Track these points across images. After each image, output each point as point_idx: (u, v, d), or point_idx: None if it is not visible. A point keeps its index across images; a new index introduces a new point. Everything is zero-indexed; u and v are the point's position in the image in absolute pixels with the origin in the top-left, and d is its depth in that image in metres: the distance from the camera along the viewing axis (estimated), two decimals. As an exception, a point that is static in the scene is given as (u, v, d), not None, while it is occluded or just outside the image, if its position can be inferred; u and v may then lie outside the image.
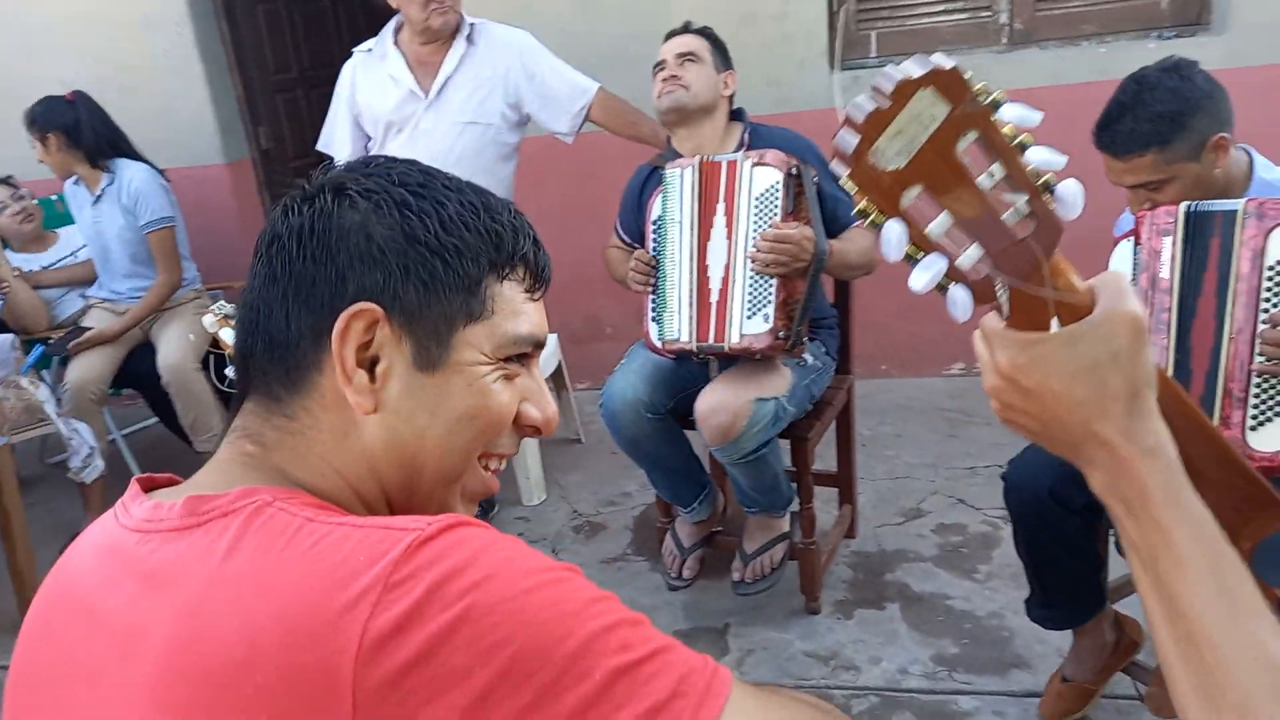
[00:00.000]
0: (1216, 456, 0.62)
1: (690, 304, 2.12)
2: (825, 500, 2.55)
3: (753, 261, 2.02)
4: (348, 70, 2.68)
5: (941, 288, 0.55)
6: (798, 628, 2.28)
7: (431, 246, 0.65)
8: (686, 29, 2.30)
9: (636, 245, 2.36)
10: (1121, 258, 1.59)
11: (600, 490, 3.04)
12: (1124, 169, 1.57)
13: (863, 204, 0.53)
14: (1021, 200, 0.53)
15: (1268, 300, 1.41)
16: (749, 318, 2.05)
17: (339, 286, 0.64)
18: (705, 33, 2.30)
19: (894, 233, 0.53)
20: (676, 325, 2.14)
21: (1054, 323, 0.56)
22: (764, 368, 2.10)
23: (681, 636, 2.28)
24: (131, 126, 3.21)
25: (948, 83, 0.51)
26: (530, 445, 2.96)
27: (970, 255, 0.54)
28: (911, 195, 0.52)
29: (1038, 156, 0.53)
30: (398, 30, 2.60)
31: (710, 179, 2.11)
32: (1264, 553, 0.61)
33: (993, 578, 2.37)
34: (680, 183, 2.14)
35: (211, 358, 3.02)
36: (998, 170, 0.52)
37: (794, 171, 2.03)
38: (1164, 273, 1.48)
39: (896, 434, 3.19)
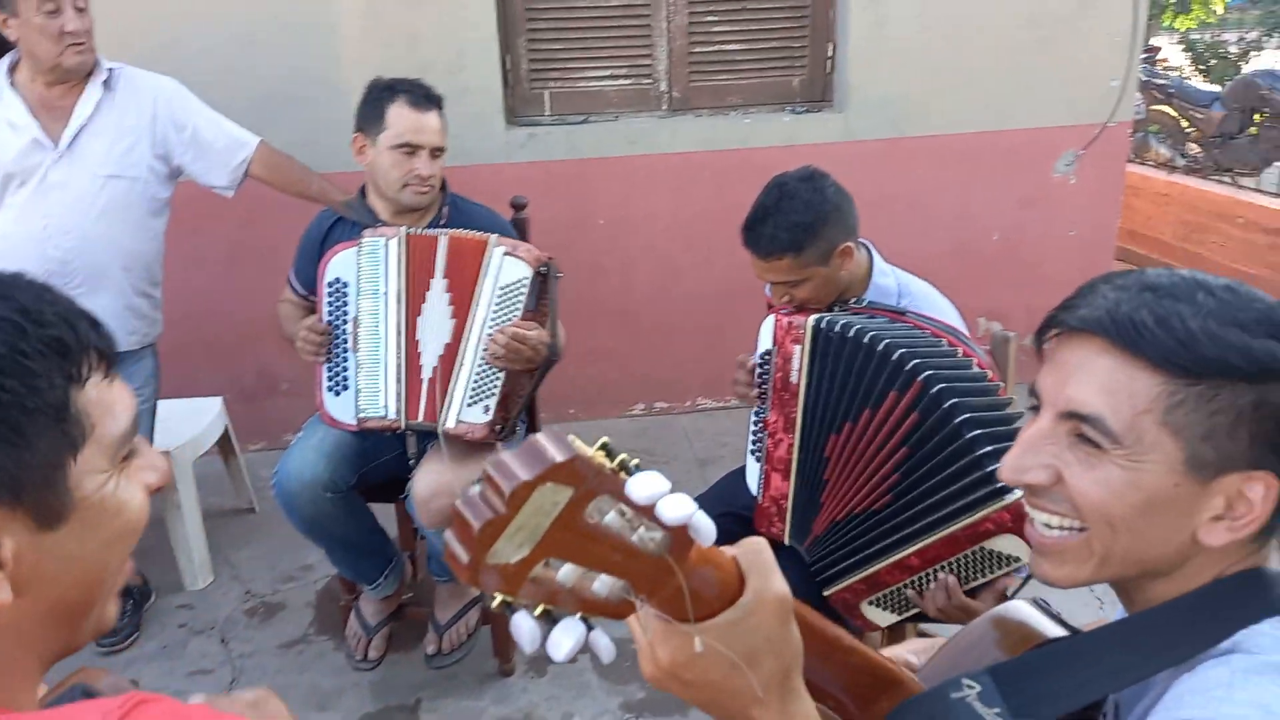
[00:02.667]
0: (843, 656, 0.70)
1: (398, 380, 2.03)
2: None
3: (486, 351, 1.97)
4: (-50, 112, 2.29)
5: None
6: (491, 692, 2.28)
7: None
8: (430, 98, 2.12)
9: (310, 298, 2.23)
10: (767, 330, 1.75)
11: (278, 564, 2.83)
12: (765, 268, 1.75)
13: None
14: (654, 529, 0.52)
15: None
16: (469, 404, 2.00)
17: None
18: (441, 107, 2.15)
19: (525, 628, 0.52)
20: (383, 401, 2.03)
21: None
22: (479, 446, 2.05)
23: (370, 719, 2.20)
24: None
25: (567, 471, 0.48)
26: (192, 522, 2.70)
27: (604, 583, 0.53)
28: (539, 568, 0.51)
29: (670, 512, 0.52)
30: (13, 69, 2.27)
31: (420, 253, 2.03)
32: None
33: (673, 617, 2.52)
34: (385, 254, 2.04)
35: None
36: (627, 509, 0.52)
37: (543, 271, 1.99)
38: (794, 377, 1.65)
39: (582, 479, 3.29)
